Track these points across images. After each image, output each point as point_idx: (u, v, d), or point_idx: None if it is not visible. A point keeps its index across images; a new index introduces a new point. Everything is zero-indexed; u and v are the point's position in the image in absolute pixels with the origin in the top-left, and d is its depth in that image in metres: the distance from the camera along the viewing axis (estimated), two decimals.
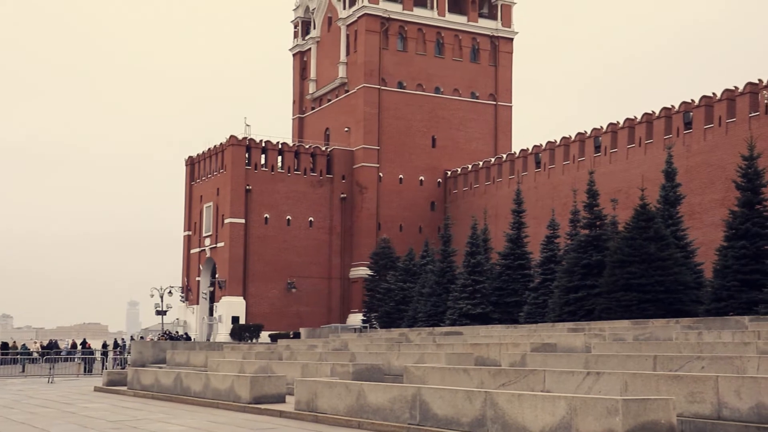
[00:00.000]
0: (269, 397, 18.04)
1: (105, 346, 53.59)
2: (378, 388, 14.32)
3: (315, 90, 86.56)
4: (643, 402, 10.18)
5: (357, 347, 28.14)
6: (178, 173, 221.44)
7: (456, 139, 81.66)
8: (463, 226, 59.91)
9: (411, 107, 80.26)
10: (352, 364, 19.38)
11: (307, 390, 15.94)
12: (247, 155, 75.70)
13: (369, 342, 31.78)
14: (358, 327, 60.60)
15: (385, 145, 78.86)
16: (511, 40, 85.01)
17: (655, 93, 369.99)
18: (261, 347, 35.44)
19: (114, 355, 47.11)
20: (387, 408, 13.73)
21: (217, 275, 76.17)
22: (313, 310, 75.93)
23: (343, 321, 74.52)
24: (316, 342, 35.34)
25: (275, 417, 16.27)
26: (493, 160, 75.77)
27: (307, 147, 79.13)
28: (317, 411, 15.46)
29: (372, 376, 18.83)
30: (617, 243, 36.08)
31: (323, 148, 79.22)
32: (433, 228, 76.98)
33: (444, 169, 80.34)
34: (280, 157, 77.31)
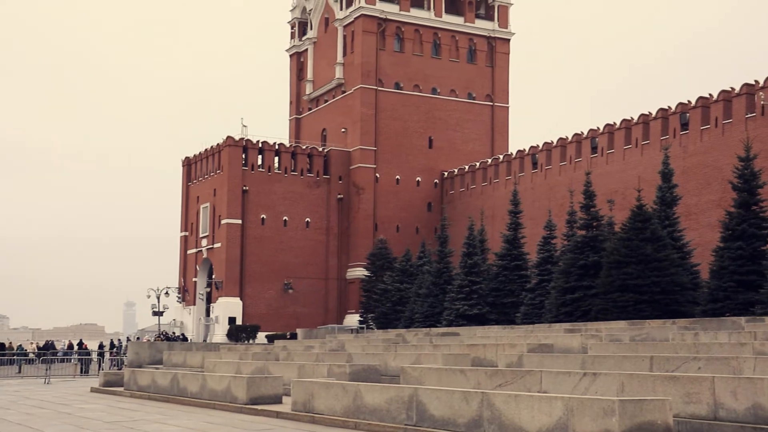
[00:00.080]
0: (266, 398, 18.04)
1: (101, 346, 53.63)
2: (375, 388, 14.32)
3: (312, 91, 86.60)
4: (640, 402, 10.20)
5: (354, 348, 28.13)
6: (175, 174, 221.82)
7: (453, 140, 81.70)
8: (459, 226, 59.99)
9: (408, 108, 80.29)
10: (348, 365, 19.37)
11: (303, 391, 15.95)
12: (243, 156, 75.73)
13: (366, 343, 31.75)
14: (354, 328, 60.62)
15: (382, 146, 78.89)
16: (508, 40, 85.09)
17: (651, 94, 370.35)
18: (258, 348, 35.44)
19: (111, 356, 47.02)
20: (384, 409, 13.74)
21: (213, 276, 76.13)
22: (309, 310, 75.95)
23: (340, 322, 74.51)
24: (313, 343, 35.30)
25: (272, 418, 16.28)
26: (489, 160, 75.83)
27: (304, 148, 79.15)
28: (314, 412, 15.46)
29: (369, 376, 18.82)
30: (614, 244, 36.10)
31: (320, 149, 79.25)
32: (429, 229, 77.02)
33: (441, 170, 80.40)
34: (276, 158, 77.36)
